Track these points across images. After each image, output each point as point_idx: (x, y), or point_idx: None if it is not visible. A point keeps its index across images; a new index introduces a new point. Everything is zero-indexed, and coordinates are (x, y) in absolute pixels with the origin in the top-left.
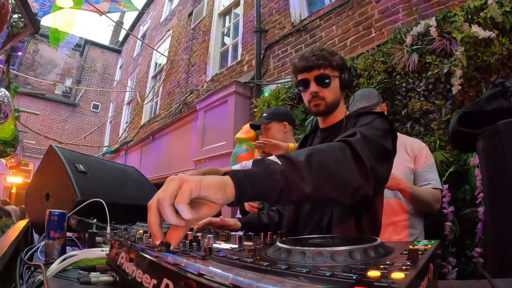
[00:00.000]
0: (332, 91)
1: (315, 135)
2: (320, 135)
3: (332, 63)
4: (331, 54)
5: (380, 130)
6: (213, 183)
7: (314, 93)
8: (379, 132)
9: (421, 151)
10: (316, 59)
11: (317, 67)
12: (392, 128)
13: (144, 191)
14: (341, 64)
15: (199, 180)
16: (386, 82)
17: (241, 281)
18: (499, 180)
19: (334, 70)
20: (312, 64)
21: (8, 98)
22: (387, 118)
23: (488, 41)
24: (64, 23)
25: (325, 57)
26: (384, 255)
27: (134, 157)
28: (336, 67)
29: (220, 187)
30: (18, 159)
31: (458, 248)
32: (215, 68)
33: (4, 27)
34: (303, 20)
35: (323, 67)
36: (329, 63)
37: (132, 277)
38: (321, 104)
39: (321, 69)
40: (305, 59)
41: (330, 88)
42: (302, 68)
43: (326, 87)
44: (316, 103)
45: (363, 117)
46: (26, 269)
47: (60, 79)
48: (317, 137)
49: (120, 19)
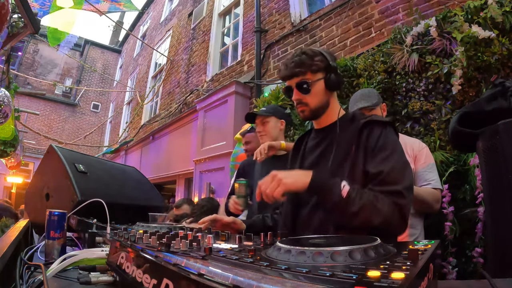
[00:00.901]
0: (315, 95)
1: (310, 136)
2: (316, 136)
3: (311, 67)
4: (311, 58)
5: (403, 155)
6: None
7: (297, 100)
8: (403, 160)
9: (421, 151)
10: (294, 66)
11: (296, 74)
12: (398, 134)
13: (144, 191)
14: (324, 65)
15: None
16: (386, 82)
17: (241, 281)
18: (499, 180)
19: (315, 74)
20: (291, 72)
21: (8, 98)
22: (394, 126)
23: (488, 41)
24: (64, 23)
25: (303, 63)
26: (384, 255)
27: (134, 157)
28: (318, 70)
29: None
30: (18, 159)
31: (458, 248)
32: (215, 68)
33: (4, 27)
34: (303, 20)
35: (302, 74)
36: (308, 68)
37: (132, 277)
38: (305, 110)
39: (300, 76)
40: (285, 66)
41: (312, 93)
42: (284, 77)
43: (307, 93)
44: (301, 109)
45: (374, 130)
46: (26, 269)
47: (60, 79)
48: (311, 138)
49: (120, 19)
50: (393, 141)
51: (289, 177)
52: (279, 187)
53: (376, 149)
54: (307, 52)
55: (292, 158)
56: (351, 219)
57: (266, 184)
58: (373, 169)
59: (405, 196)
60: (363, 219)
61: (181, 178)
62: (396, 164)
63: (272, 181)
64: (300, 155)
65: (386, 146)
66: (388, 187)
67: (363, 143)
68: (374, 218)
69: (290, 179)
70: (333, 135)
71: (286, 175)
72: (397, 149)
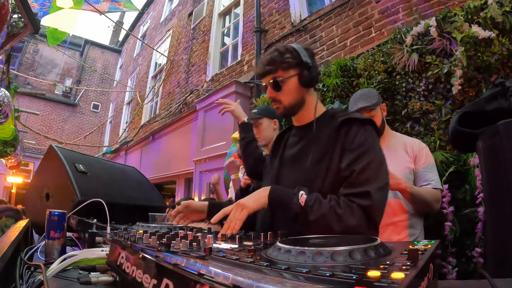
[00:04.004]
0: (288, 92)
1: (291, 133)
2: (296, 133)
3: (282, 64)
4: (282, 55)
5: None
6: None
7: (271, 98)
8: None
9: (421, 151)
10: (265, 64)
11: (267, 72)
12: (379, 133)
13: (144, 191)
14: (296, 62)
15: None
16: (386, 82)
17: (241, 281)
18: (499, 180)
19: (287, 71)
20: (262, 71)
21: (8, 98)
22: (373, 125)
23: (488, 41)
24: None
25: (274, 61)
26: (384, 255)
27: (134, 157)
28: (289, 67)
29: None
30: (18, 159)
31: (458, 248)
32: (215, 68)
33: (4, 27)
34: (303, 20)
35: (273, 71)
36: (279, 66)
37: (132, 277)
38: (279, 108)
39: (271, 73)
40: (258, 65)
41: (285, 91)
42: (258, 75)
43: (279, 91)
44: (276, 107)
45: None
46: (26, 269)
47: (60, 79)
48: (292, 135)
49: (120, 19)
50: (370, 140)
51: (250, 200)
52: (243, 211)
53: (352, 148)
54: (279, 49)
55: (272, 153)
56: (311, 227)
57: (231, 216)
58: (346, 168)
59: (373, 196)
60: (322, 226)
61: (181, 178)
62: (370, 163)
63: (236, 210)
64: (281, 151)
65: (363, 145)
66: (356, 189)
67: (340, 141)
68: (334, 225)
69: (251, 200)
70: (312, 133)
71: (247, 199)
72: (374, 147)
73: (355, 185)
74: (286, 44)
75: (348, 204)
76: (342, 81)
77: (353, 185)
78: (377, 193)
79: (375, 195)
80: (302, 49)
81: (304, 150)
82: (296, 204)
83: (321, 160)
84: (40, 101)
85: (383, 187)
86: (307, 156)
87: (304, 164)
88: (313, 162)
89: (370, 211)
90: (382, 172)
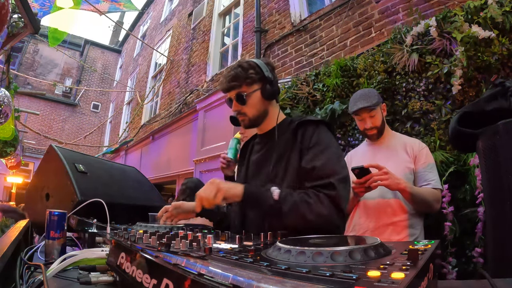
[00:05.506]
0: (252, 105)
1: (255, 141)
2: (259, 141)
3: (246, 80)
4: (246, 71)
5: (336, 150)
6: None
7: (236, 111)
8: (337, 155)
9: (421, 151)
10: (230, 80)
11: (232, 87)
12: (334, 133)
13: (144, 191)
14: (259, 77)
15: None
16: (386, 82)
17: (241, 281)
18: (499, 180)
19: (250, 86)
20: (227, 86)
21: (8, 98)
22: (327, 124)
23: (488, 41)
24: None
25: (237, 77)
26: (384, 255)
27: (134, 157)
28: (253, 82)
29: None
30: (18, 159)
31: (458, 248)
32: (215, 68)
33: (4, 27)
34: (303, 20)
35: (238, 87)
36: (243, 82)
37: (132, 277)
38: (245, 120)
39: (236, 88)
40: (223, 79)
41: (249, 104)
42: (222, 90)
43: (244, 104)
44: (241, 119)
45: (307, 129)
46: (26, 269)
47: (60, 79)
48: (256, 143)
49: (120, 19)
50: (326, 138)
51: (225, 184)
52: (219, 192)
53: (310, 147)
54: (242, 65)
55: (240, 160)
56: (286, 218)
57: (205, 191)
58: (307, 165)
59: (336, 187)
60: (297, 215)
61: (181, 178)
62: (329, 158)
63: (210, 186)
64: (247, 157)
65: (319, 143)
66: (320, 181)
67: (298, 143)
68: (307, 213)
69: (226, 185)
70: (273, 139)
71: (222, 182)
72: (330, 144)
73: (319, 178)
74: (248, 59)
75: (315, 193)
76: (342, 81)
77: (317, 179)
78: (340, 184)
79: (338, 186)
80: (263, 65)
81: (265, 154)
82: (270, 197)
83: (280, 161)
84: (40, 101)
85: (344, 179)
86: (268, 159)
87: (266, 166)
88: (273, 163)
89: (336, 200)
90: (341, 165)
